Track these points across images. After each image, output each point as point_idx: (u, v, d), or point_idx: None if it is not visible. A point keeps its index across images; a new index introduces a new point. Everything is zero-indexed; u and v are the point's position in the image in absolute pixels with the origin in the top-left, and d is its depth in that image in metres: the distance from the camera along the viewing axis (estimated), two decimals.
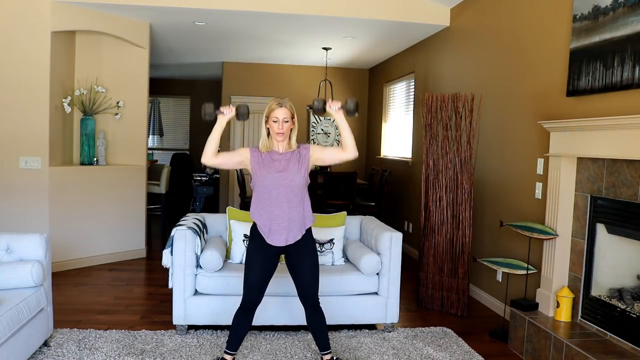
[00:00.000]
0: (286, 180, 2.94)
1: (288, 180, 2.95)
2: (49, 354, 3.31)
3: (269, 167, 2.98)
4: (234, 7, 5.31)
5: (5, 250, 3.25)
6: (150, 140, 10.96)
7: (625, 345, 3.12)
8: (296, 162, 2.98)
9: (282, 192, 2.94)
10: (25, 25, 5.08)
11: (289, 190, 2.95)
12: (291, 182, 2.95)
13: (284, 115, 2.97)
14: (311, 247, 3.07)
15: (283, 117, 2.96)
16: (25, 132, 5.16)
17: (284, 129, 2.96)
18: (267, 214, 2.96)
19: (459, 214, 4.47)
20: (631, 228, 3.17)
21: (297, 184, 2.96)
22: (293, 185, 2.95)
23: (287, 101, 3.03)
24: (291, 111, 3.02)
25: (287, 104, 3.02)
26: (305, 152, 3.02)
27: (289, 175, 2.95)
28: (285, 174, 2.95)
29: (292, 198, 2.95)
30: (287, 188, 2.94)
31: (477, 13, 5.09)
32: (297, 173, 2.96)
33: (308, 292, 3.09)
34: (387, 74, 8.12)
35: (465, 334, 3.99)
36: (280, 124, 2.96)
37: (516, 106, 4.33)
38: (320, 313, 3.15)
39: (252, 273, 3.03)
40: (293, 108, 3.05)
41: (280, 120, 2.96)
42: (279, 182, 2.94)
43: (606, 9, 3.21)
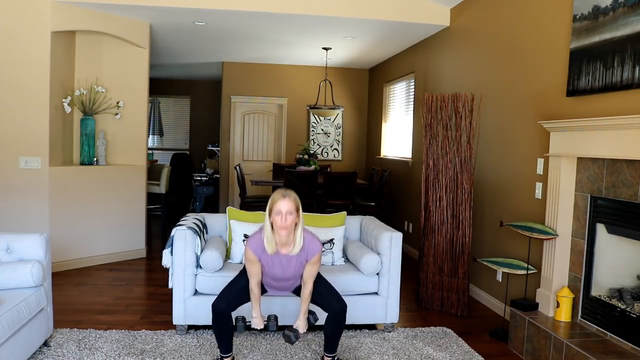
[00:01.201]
0: (288, 279, 3.12)
1: (289, 279, 3.12)
2: (49, 354, 3.31)
3: (273, 265, 3.03)
4: (234, 7, 5.31)
5: (5, 250, 3.25)
6: (150, 140, 10.96)
7: (625, 345, 3.12)
8: (299, 264, 3.03)
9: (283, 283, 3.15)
10: (25, 25, 5.08)
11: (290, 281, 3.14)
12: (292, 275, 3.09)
13: (288, 208, 2.81)
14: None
15: (287, 210, 2.81)
16: (25, 132, 5.16)
17: (288, 223, 2.82)
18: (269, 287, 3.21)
19: (459, 214, 4.47)
20: (631, 228, 3.17)
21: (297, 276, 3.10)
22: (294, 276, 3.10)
23: (292, 192, 2.89)
24: (296, 204, 2.85)
25: (292, 196, 2.86)
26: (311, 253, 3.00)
27: (290, 273, 3.07)
28: (286, 272, 3.06)
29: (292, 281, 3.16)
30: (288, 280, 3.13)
31: (477, 13, 5.09)
32: (299, 270, 3.06)
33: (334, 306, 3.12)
34: (387, 74, 8.12)
35: (465, 334, 3.99)
36: (283, 218, 2.81)
37: (516, 106, 4.33)
38: (342, 320, 3.14)
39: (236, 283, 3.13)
40: (298, 200, 2.88)
41: (284, 213, 2.81)
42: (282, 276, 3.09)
43: (606, 9, 3.21)
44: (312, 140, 9.22)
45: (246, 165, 8.97)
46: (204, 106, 11.31)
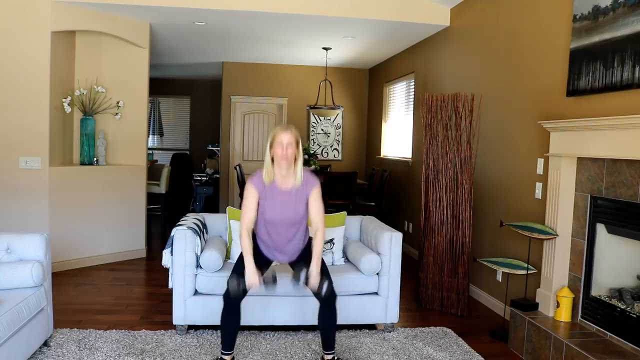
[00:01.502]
0: (290, 216, 3.02)
1: (291, 216, 3.02)
2: (49, 354, 3.31)
3: (273, 201, 3.00)
4: (234, 7, 5.31)
5: (5, 250, 3.24)
6: (150, 140, 10.96)
7: (625, 345, 3.12)
8: (299, 201, 3.01)
9: (283, 226, 3.03)
10: (25, 25, 5.08)
11: (290, 224, 3.04)
12: (292, 218, 3.02)
13: (288, 140, 2.91)
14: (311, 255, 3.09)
15: (287, 142, 2.90)
16: (25, 132, 5.16)
17: (288, 154, 2.91)
18: (270, 240, 3.08)
19: (459, 214, 4.47)
20: (631, 228, 3.17)
21: (296, 221, 3.03)
22: (294, 220, 3.03)
23: (293, 127, 3.00)
24: (296, 138, 2.94)
25: (293, 130, 2.96)
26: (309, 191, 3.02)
27: (291, 212, 3.01)
28: (287, 211, 3.00)
29: (292, 229, 3.05)
30: (288, 223, 3.03)
31: (477, 13, 5.09)
32: (299, 210, 3.01)
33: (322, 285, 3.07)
34: (387, 74, 8.12)
35: (465, 334, 3.99)
36: (284, 149, 2.90)
37: (516, 106, 4.33)
38: (334, 312, 3.14)
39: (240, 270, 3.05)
40: (299, 136, 2.98)
41: (285, 145, 2.90)
42: (281, 218, 3.01)
43: (606, 9, 3.21)
44: (312, 140, 9.22)
45: (246, 165, 8.97)
46: (204, 106, 11.31)
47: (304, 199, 3.01)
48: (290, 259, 3.17)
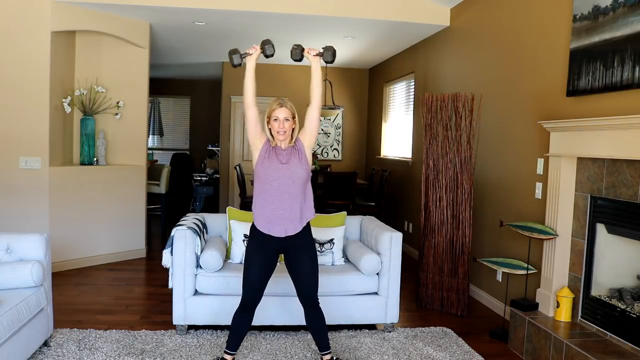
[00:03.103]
0: (288, 171, 2.97)
1: (290, 172, 2.97)
2: (49, 354, 3.31)
3: (273, 158, 3.00)
4: (234, 7, 5.31)
5: (5, 250, 3.25)
6: (150, 140, 10.96)
7: (625, 345, 3.12)
8: (297, 155, 3.02)
9: (283, 184, 2.96)
10: (25, 25, 5.08)
11: (291, 182, 2.96)
12: (293, 173, 2.97)
13: (285, 115, 3.03)
14: (310, 247, 3.08)
15: (284, 117, 3.02)
16: (25, 132, 5.16)
17: (285, 128, 3.00)
18: (267, 204, 2.98)
19: (459, 214, 4.47)
20: (631, 228, 3.17)
21: (299, 176, 2.98)
22: (295, 177, 2.97)
23: (287, 101, 3.10)
24: (292, 111, 3.07)
25: (288, 104, 3.08)
26: (300, 144, 3.05)
27: (291, 167, 2.97)
28: (287, 165, 2.97)
29: (293, 190, 2.97)
30: (289, 179, 2.96)
31: (477, 13, 5.09)
32: (299, 165, 2.99)
33: (308, 292, 3.10)
34: (387, 74, 8.12)
35: (465, 334, 3.99)
36: (280, 123, 3.00)
37: (516, 106, 4.33)
38: (319, 313, 3.15)
39: (251, 271, 3.04)
40: (294, 108, 3.09)
41: (281, 119, 3.01)
42: (281, 174, 2.96)
43: (606, 9, 3.21)
44: None
45: (246, 165, 8.96)
46: (204, 106, 11.30)
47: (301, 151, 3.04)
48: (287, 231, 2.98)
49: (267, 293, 3.78)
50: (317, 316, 3.14)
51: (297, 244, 3.03)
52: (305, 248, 3.06)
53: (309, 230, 3.08)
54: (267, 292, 3.78)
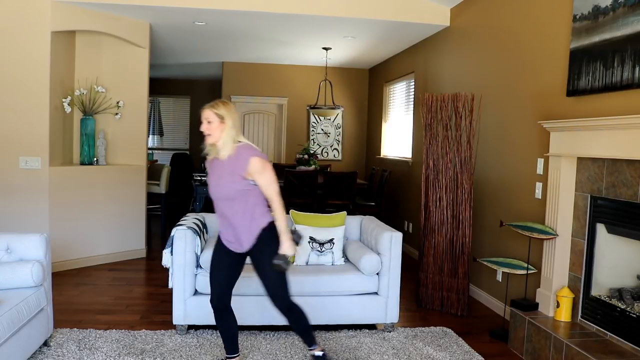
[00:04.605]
0: (221, 191, 2.88)
1: (222, 191, 2.87)
2: (49, 354, 3.31)
3: (211, 173, 2.93)
4: (234, 7, 5.31)
5: (5, 250, 3.25)
6: (150, 140, 10.96)
7: (625, 345, 3.12)
8: (230, 172, 2.84)
9: (221, 204, 2.91)
10: (25, 25, 5.07)
11: (227, 202, 2.88)
12: (224, 193, 2.87)
13: (206, 115, 2.89)
14: (269, 249, 2.90)
15: (205, 117, 2.89)
16: (25, 132, 5.16)
17: (209, 129, 2.87)
18: (219, 222, 2.99)
19: (459, 214, 4.47)
20: (631, 228, 3.17)
21: (229, 196, 2.86)
22: (227, 197, 2.87)
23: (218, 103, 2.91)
24: (217, 112, 2.86)
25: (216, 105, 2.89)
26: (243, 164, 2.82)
27: (223, 186, 2.86)
28: (220, 182, 2.87)
29: (231, 208, 2.88)
30: (225, 199, 2.89)
31: (477, 13, 5.09)
32: (230, 181, 2.84)
33: (271, 295, 2.98)
34: (387, 74, 8.12)
35: (465, 334, 3.99)
36: (204, 125, 2.90)
37: (516, 106, 4.33)
38: (295, 314, 3.01)
39: (215, 272, 3.01)
40: (223, 110, 2.87)
41: (204, 120, 2.90)
42: (218, 194, 2.90)
43: (606, 9, 3.21)
44: (312, 140, 9.22)
45: None
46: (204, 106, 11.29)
47: (235, 174, 2.82)
48: (242, 246, 2.92)
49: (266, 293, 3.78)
50: (298, 318, 3.02)
51: (257, 247, 2.92)
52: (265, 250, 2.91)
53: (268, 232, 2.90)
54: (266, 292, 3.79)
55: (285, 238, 2.87)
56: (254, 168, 2.81)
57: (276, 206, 2.86)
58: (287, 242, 2.87)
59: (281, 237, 2.87)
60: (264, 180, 2.84)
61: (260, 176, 2.83)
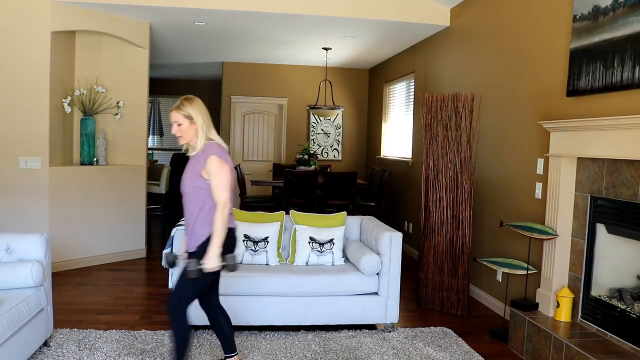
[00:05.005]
0: (182, 186, 2.83)
1: (183, 186, 2.83)
2: (49, 354, 3.31)
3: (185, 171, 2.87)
4: (234, 7, 5.31)
5: (5, 250, 3.25)
6: (150, 140, 10.96)
7: (625, 345, 3.12)
8: (192, 168, 2.79)
9: (184, 200, 2.84)
10: (25, 25, 5.08)
11: (185, 197, 2.83)
12: (183, 188, 2.82)
13: (174, 118, 2.81)
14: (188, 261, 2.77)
15: (174, 120, 2.81)
16: (25, 132, 5.16)
17: (180, 132, 2.80)
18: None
19: (459, 214, 4.47)
20: (631, 228, 3.17)
21: (186, 191, 2.80)
22: (184, 191, 2.82)
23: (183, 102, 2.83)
24: (184, 113, 2.79)
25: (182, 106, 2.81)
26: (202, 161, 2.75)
27: (184, 181, 2.81)
28: (183, 180, 2.82)
29: (188, 205, 2.81)
30: (184, 195, 2.83)
31: (477, 13, 5.09)
32: (190, 176, 2.79)
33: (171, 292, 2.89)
34: (387, 74, 8.12)
35: (465, 334, 3.99)
36: (174, 128, 2.82)
37: (516, 106, 4.34)
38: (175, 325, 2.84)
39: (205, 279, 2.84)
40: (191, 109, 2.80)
41: (173, 123, 2.83)
42: (181, 189, 2.85)
43: (606, 9, 3.21)
44: (312, 140, 9.22)
45: (246, 166, 8.98)
46: None
47: (195, 170, 2.76)
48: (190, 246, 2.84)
49: (267, 293, 3.80)
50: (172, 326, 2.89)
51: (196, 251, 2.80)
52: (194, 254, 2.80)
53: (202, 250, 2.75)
54: (267, 292, 3.80)
55: (213, 252, 2.68)
56: (209, 167, 2.72)
57: (217, 216, 2.69)
58: (213, 258, 2.68)
59: (209, 249, 2.69)
60: (214, 181, 2.72)
61: (213, 177, 2.73)
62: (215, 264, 2.69)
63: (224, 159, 2.80)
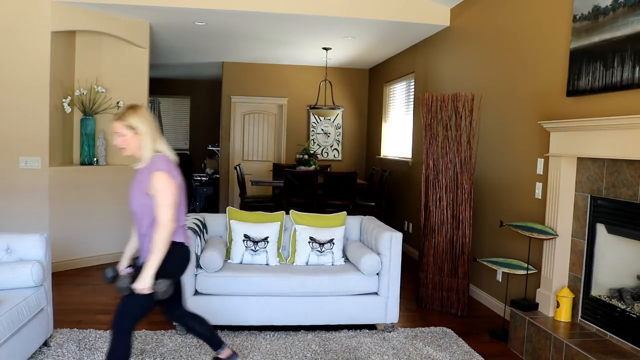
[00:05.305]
0: (130, 203, 2.66)
1: (130, 204, 2.66)
2: (49, 354, 3.31)
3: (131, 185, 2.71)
4: (234, 7, 5.31)
5: (5, 250, 3.25)
6: None
7: (625, 345, 3.12)
8: (138, 184, 2.62)
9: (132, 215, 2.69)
10: (25, 25, 5.08)
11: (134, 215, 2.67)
12: (131, 206, 2.65)
13: (117, 129, 2.62)
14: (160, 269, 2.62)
15: (115, 131, 2.64)
16: (25, 132, 5.16)
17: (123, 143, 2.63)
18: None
19: (459, 214, 4.47)
20: (631, 228, 3.17)
21: (134, 210, 2.64)
22: (132, 210, 2.65)
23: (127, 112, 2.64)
24: (125, 123, 2.61)
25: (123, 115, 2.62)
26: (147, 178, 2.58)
27: (131, 199, 2.64)
28: (130, 197, 2.65)
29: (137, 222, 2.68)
30: (132, 213, 2.68)
31: (477, 13, 5.09)
32: (135, 198, 2.62)
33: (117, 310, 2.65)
34: (387, 74, 8.12)
35: (465, 334, 3.99)
36: (117, 139, 2.65)
37: (516, 106, 4.34)
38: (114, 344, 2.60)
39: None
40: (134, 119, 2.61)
41: (115, 134, 2.65)
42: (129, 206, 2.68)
43: (606, 9, 3.21)
44: (312, 140, 9.22)
45: (246, 165, 8.97)
46: (204, 106, 11.31)
47: (141, 187, 2.60)
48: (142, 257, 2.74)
49: (267, 293, 3.80)
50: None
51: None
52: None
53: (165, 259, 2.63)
54: (267, 292, 3.80)
55: (147, 274, 2.52)
56: (154, 183, 2.55)
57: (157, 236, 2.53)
58: (147, 279, 2.51)
59: (144, 269, 2.54)
60: (158, 199, 2.54)
61: (157, 194, 2.55)
62: (146, 286, 2.51)
63: (172, 174, 2.60)
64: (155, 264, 2.54)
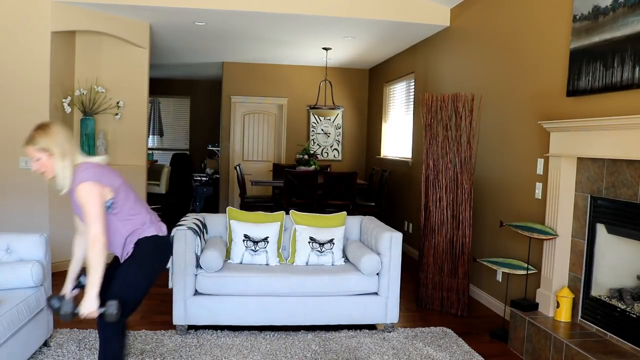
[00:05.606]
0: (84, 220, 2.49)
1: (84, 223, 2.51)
2: (49, 354, 3.31)
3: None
4: (234, 7, 5.31)
5: (5, 250, 3.24)
6: (150, 140, 10.96)
7: (625, 345, 3.12)
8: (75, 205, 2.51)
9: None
10: (25, 25, 5.07)
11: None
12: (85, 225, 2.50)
13: (29, 155, 2.48)
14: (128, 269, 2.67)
15: (31, 156, 2.49)
16: (25, 132, 5.02)
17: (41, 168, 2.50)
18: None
19: (459, 214, 4.47)
20: (631, 228, 3.17)
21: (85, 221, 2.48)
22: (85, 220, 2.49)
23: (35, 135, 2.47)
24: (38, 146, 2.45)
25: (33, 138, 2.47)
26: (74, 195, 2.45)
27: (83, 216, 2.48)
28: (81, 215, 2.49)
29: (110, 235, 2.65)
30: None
31: (477, 13, 5.09)
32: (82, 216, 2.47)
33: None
34: (387, 74, 8.12)
35: (465, 334, 3.99)
36: (34, 165, 2.50)
37: (516, 106, 4.34)
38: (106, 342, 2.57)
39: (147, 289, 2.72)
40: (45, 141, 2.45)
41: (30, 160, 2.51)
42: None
43: (606, 9, 3.21)
44: (312, 141, 9.22)
45: (246, 165, 8.97)
46: (204, 106, 11.31)
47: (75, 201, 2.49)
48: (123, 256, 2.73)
49: (267, 293, 3.80)
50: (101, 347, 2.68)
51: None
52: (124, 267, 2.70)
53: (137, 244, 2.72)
54: (267, 292, 3.80)
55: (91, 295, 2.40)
56: (78, 198, 2.41)
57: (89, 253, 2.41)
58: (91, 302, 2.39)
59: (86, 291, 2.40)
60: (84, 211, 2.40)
61: (82, 208, 2.41)
62: (93, 308, 2.38)
63: (95, 179, 2.43)
64: (97, 282, 2.40)
